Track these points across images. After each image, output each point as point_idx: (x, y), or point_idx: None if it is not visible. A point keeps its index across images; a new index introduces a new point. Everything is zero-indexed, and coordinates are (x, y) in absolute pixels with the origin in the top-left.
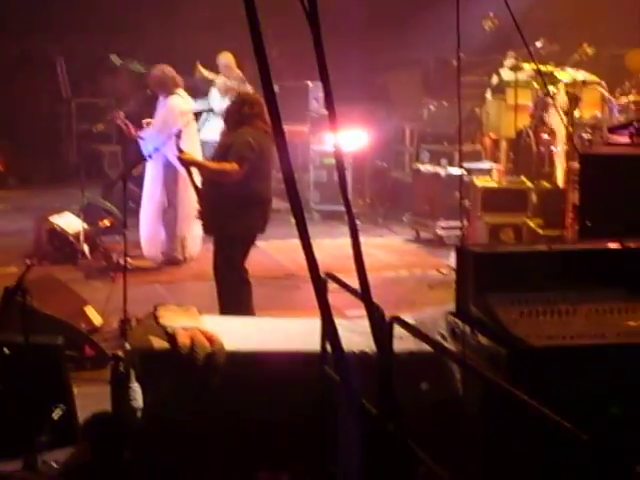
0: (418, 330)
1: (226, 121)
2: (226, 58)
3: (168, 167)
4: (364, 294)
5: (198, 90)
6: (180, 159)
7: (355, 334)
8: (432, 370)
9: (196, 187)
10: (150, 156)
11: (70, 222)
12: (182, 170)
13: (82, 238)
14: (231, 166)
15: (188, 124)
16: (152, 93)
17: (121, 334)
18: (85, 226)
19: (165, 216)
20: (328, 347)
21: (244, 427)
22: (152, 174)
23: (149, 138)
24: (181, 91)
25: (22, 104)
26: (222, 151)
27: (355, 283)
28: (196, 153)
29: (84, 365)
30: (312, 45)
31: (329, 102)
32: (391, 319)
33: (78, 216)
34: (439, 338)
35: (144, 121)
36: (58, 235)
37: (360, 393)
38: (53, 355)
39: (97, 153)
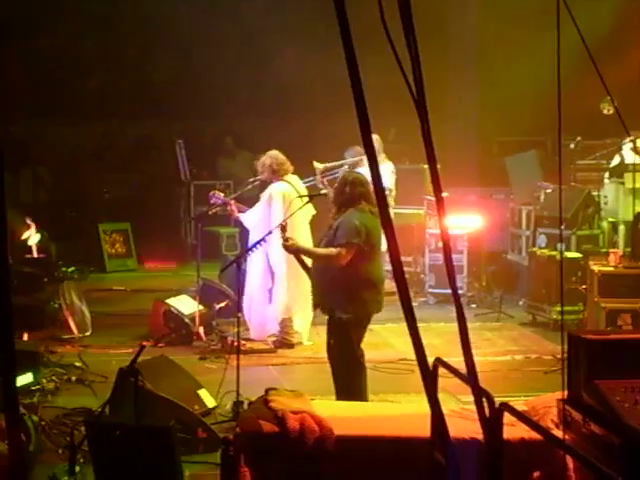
0: (527, 418)
1: (333, 202)
2: (356, 151)
3: (273, 251)
4: (472, 382)
5: None
6: (286, 247)
7: (466, 420)
8: (544, 458)
9: (307, 270)
10: (264, 239)
11: (186, 304)
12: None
13: (197, 320)
14: (337, 251)
15: (292, 209)
16: (264, 178)
17: (234, 417)
18: (201, 308)
19: (272, 298)
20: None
21: None
22: (258, 257)
23: (248, 219)
24: (291, 177)
25: (143, 187)
26: (330, 233)
27: None
28: (303, 237)
29: (196, 448)
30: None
31: (436, 184)
32: (500, 406)
33: (194, 298)
34: (551, 425)
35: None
36: (174, 317)
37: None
38: (165, 438)
39: (215, 235)
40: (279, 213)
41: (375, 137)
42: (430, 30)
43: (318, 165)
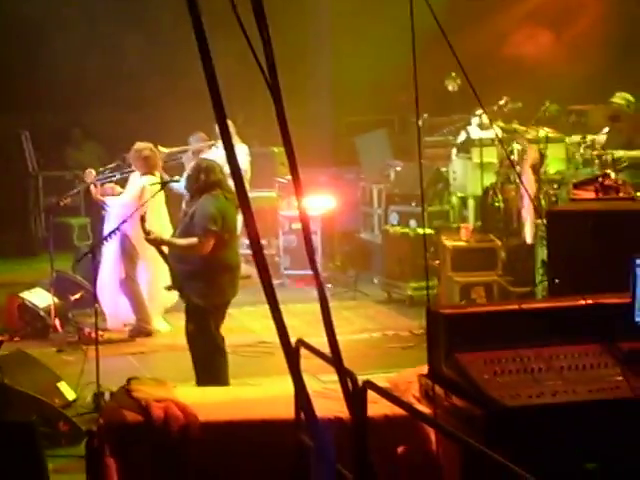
0: (391, 394)
1: (187, 189)
2: (200, 137)
3: (125, 240)
4: (336, 361)
5: None
6: (148, 240)
7: (329, 399)
8: (407, 433)
9: (165, 257)
10: (119, 229)
11: (40, 296)
12: (141, 243)
13: (53, 312)
14: (198, 241)
15: (156, 201)
16: (129, 166)
17: (95, 408)
18: (55, 300)
19: (124, 288)
20: (302, 414)
21: None
22: (110, 247)
23: (113, 206)
24: (157, 173)
25: None
26: (186, 220)
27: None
28: (163, 226)
29: (58, 441)
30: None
31: (293, 167)
32: (364, 384)
33: (48, 290)
34: (413, 400)
35: (108, 186)
36: (29, 310)
37: (335, 459)
38: (27, 433)
39: (66, 226)
40: (149, 207)
41: (228, 122)
42: (284, 13)
43: (163, 150)
